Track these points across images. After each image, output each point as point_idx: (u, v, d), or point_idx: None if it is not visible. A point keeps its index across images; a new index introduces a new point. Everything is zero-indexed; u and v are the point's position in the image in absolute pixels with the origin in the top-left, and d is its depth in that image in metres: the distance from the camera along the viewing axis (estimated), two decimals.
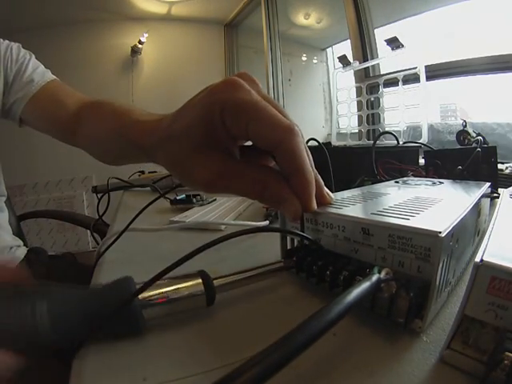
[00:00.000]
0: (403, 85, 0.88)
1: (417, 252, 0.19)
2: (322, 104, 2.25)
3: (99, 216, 0.71)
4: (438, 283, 0.19)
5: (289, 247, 0.29)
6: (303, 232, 0.26)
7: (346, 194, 0.33)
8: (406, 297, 0.18)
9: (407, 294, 0.18)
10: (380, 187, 0.39)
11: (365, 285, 0.18)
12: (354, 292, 0.17)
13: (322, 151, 0.61)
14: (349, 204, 0.28)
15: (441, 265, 0.18)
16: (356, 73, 1.28)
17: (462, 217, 0.22)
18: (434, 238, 0.18)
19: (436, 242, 0.18)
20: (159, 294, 0.20)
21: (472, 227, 0.27)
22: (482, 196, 0.33)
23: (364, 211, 0.25)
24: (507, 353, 0.14)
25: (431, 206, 0.26)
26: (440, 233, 0.18)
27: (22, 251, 0.65)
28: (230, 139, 0.24)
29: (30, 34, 2.00)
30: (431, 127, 1.23)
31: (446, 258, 0.19)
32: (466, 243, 0.25)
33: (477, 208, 0.28)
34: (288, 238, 0.29)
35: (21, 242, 0.67)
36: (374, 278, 0.19)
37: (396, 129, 0.89)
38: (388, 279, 0.19)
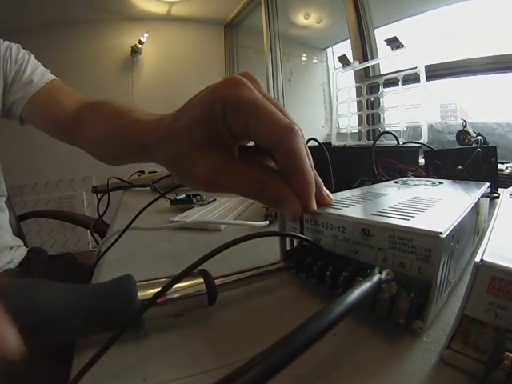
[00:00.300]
0: (403, 85, 0.88)
1: (417, 253, 0.19)
2: (322, 104, 2.25)
3: (99, 216, 0.71)
4: (438, 284, 0.19)
5: (288, 248, 0.29)
6: (302, 233, 0.26)
7: (345, 194, 0.33)
8: (406, 297, 0.18)
9: (408, 295, 0.18)
10: (379, 187, 0.39)
11: (366, 285, 0.18)
12: (355, 292, 0.17)
13: (322, 151, 0.61)
14: (348, 204, 0.28)
15: (441, 265, 0.18)
16: (356, 73, 1.28)
17: (462, 217, 0.21)
18: (434, 238, 0.18)
19: (437, 243, 0.18)
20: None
21: (471, 227, 0.27)
22: (482, 196, 0.33)
23: (364, 212, 0.25)
24: (507, 353, 0.14)
25: (431, 206, 0.26)
26: (441, 233, 0.18)
27: (22, 251, 0.64)
28: (231, 137, 0.24)
29: (30, 34, 2.00)
30: (431, 127, 1.23)
31: (446, 258, 0.19)
32: (465, 243, 0.25)
33: (476, 208, 0.28)
34: (287, 238, 0.29)
35: (21, 242, 0.67)
36: (376, 278, 0.19)
37: (396, 129, 0.89)
38: (389, 280, 0.19)
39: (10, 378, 0.16)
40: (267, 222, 0.44)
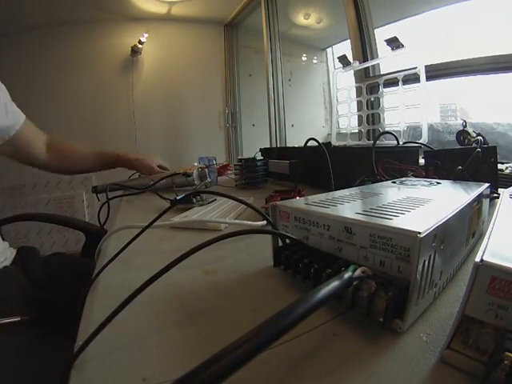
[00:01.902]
0: (403, 85, 0.88)
1: (397, 252, 0.19)
2: (322, 104, 2.25)
3: (101, 225, 0.73)
4: (418, 284, 0.19)
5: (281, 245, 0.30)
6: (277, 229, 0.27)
7: (338, 193, 0.34)
8: (384, 296, 0.18)
9: (385, 294, 0.18)
10: (376, 187, 0.39)
11: (334, 283, 0.18)
12: (322, 290, 0.17)
13: (321, 151, 0.61)
14: (338, 203, 0.28)
15: (421, 265, 0.18)
16: (356, 73, 1.28)
17: (448, 218, 0.21)
18: (413, 238, 0.18)
19: (415, 243, 0.18)
20: None
21: (465, 228, 0.27)
22: (481, 196, 0.33)
23: (351, 210, 0.26)
24: (507, 353, 0.14)
25: (419, 206, 0.26)
26: (419, 233, 0.18)
27: (11, 251, 0.64)
28: None
29: (30, 34, 2.00)
30: (431, 127, 1.23)
31: (427, 258, 0.19)
32: (456, 244, 0.25)
33: (471, 209, 0.28)
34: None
35: (7, 243, 0.66)
36: (346, 276, 0.19)
37: (396, 129, 0.89)
38: (362, 277, 0.19)
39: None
40: (265, 223, 0.44)
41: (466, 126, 0.83)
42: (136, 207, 0.71)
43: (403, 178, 0.46)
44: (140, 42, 2.28)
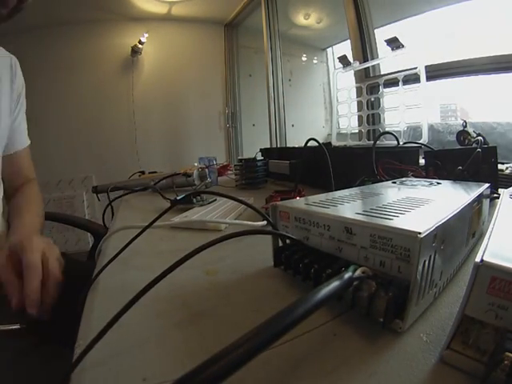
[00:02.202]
0: (403, 85, 0.88)
1: (397, 252, 0.19)
2: (322, 104, 2.25)
3: (105, 227, 0.74)
4: (418, 284, 0.19)
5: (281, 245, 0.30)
6: (277, 229, 0.27)
7: (338, 193, 0.34)
8: (384, 296, 0.18)
9: (386, 294, 0.18)
10: (376, 187, 0.39)
11: (335, 283, 0.18)
12: (323, 290, 0.17)
13: (322, 151, 0.61)
14: (339, 203, 0.28)
15: (421, 265, 0.18)
16: (356, 73, 1.28)
17: (448, 218, 0.21)
18: (413, 238, 0.18)
19: (415, 243, 0.18)
20: None
21: (465, 228, 0.27)
22: (481, 196, 0.33)
23: (351, 210, 0.26)
24: (507, 353, 0.14)
25: (419, 206, 0.26)
26: (420, 233, 0.18)
27: None
28: None
29: (30, 34, 2.00)
30: (431, 127, 1.23)
31: (427, 258, 0.19)
32: (456, 244, 0.25)
33: (471, 209, 0.28)
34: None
35: None
36: (346, 276, 0.19)
37: (396, 129, 0.89)
38: (362, 278, 0.19)
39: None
40: (265, 222, 0.44)
41: (466, 126, 0.83)
42: (136, 207, 0.71)
43: (403, 179, 0.46)
44: (140, 42, 2.28)
